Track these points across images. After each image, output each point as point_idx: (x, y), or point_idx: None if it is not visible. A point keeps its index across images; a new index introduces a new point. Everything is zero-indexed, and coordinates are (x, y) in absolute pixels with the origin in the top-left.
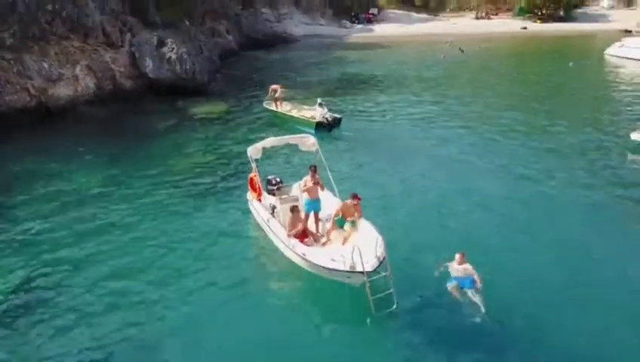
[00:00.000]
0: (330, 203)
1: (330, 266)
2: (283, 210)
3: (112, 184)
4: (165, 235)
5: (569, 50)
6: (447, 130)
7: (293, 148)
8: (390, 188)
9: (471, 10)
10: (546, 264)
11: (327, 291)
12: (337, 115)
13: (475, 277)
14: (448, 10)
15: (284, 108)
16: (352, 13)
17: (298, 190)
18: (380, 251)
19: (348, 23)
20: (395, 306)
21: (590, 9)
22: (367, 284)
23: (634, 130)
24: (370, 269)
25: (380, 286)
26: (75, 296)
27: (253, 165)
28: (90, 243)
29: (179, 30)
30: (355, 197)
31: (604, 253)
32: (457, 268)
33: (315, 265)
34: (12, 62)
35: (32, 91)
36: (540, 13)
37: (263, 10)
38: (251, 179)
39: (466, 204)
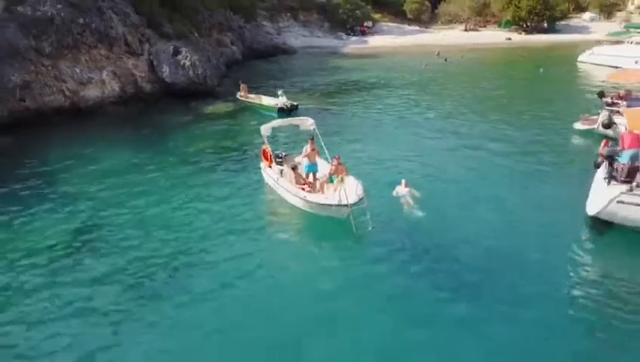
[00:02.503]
0: (324, 167)
1: (324, 202)
2: (289, 171)
3: (141, 165)
4: (198, 195)
5: (546, 58)
6: (419, 120)
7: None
8: (368, 156)
9: (461, 22)
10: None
11: (322, 223)
12: (294, 103)
13: (414, 192)
14: (440, 22)
15: (254, 98)
16: (348, 26)
17: (300, 157)
18: (359, 191)
19: (344, 35)
20: (370, 227)
21: (573, 21)
22: (351, 213)
23: (577, 120)
24: (352, 202)
25: (359, 215)
26: (113, 251)
27: (265, 140)
28: (125, 209)
29: (189, 41)
30: (335, 158)
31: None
32: (403, 189)
33: (313, 203)
34: (49, 67)
35: (67, 93)
36: (524, 26)
37: (264, 23)
38: (264, 150)
39: (425, 168)
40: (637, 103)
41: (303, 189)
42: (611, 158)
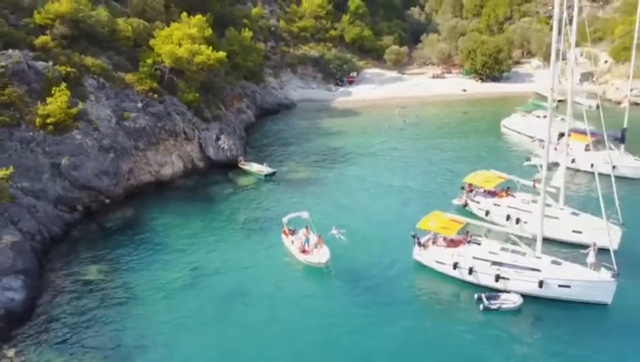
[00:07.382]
0: (313, 239)
1: (312, 260)
2: (296, 242)
3: (206, 225)
4: (237, 252)
5: (482, 117)
6: (368, 178)
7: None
8: (333, 220)
9: (433, 64)
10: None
11: (312, 270)
12: (274, 170)
13: (341, 231)
14: (415, 64)
15: (248, 166)
16: (337, 77)
17: (301, 233)
18: (328, 255)
19: (333, 87)
20: (332, 272)
21: (523, 67)
22: (324, 266)
23: (454, 198)
24: (324, 261)
25: (328, 265)
26: (199, 286)
27: (285, 224)
28: (202, 256)
29: (222, 122)
30: (318, 236)
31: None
32: (334, 230)
33: (308, 261)
34: (142, 157)
35: (152, 172)
36: (480, 74)
37: (270, 79)
38: (284, 231)
39: (355, 217)
40: (481, 193)
41: (303, 252)
42: (415, 237)
